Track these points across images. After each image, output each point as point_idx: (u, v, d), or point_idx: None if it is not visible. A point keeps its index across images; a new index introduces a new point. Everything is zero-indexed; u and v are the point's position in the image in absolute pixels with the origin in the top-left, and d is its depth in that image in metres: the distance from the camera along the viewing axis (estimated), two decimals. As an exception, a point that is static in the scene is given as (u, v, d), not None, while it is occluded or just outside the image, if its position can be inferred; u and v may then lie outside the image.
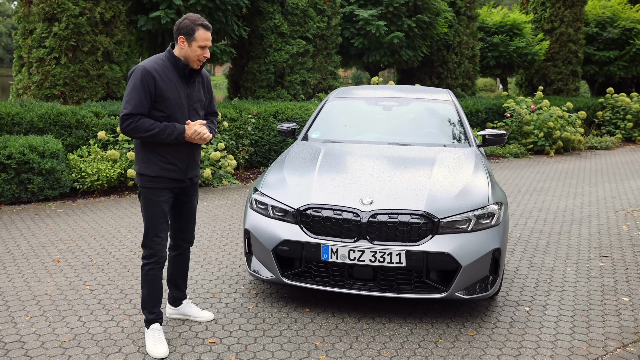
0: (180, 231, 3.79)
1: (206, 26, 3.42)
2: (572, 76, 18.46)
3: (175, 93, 3.41)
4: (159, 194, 3.49)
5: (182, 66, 3.44)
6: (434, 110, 5.80)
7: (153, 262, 3.50)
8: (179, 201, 3.69)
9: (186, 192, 3.68)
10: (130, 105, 3.32)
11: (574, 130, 13.95)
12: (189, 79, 3.50)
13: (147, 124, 3.33)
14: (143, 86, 3.32)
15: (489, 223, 4.03)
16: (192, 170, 3.61)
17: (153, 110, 3.41)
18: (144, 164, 3.47)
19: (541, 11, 18.23)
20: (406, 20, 12.58)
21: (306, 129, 5.69)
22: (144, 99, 3.32)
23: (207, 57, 3.46)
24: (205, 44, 3.41)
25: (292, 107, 10.46)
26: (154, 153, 3.45)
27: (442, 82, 14.92)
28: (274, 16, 11.43)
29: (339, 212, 3.95)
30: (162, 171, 3.46)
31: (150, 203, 3.50)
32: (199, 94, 3.60)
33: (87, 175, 7.55)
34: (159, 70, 3.39)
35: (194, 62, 3.44)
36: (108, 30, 9.49)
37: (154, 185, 3.48)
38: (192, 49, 3.41)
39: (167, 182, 3.50)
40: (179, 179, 3.54)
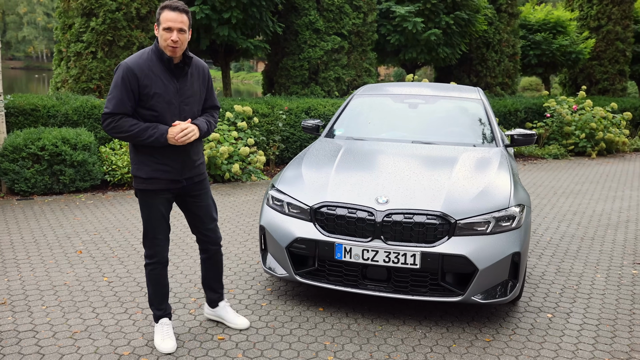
0: (198, 232, 3.64)
1: (172, 7, 3.16)
2: (619, 75, 17.84)
3: (162, 89, 3.21)
4: (154, 195, 3.37)
5: (166, 59, 3.22)
6: (461, 108, 5.66)
7: (154, 263, 3.46)
8: (185, 203, 3.57)
9: (189, 192, 3.51)
10: (110, 104, 3.17)
11: (618, 131, 13.48)
12: (177, 72, 3.28)
13: (127, 124, 3.17)
14: (124, 84, 3.14)
15: (509, 226, 3.89)
16: (189, 169, 3.42)
17: (140, 109, 3.24)
18: (135, 165, 3.36)
19: (587, 8, 17.67)
20: (444, 17, 12.36)
21: (330, 125, 5.63)
22: (126, 97, 3.15)
23: (174, 40, 3.14)
24: (169, 25, 3.13)
25: (325, 104, 10.41)
26: (145, 153, 3.31)
27: (480, 80, 14.62)
28: (309, 12, 11.39)
29: (354, 211, 3.88)
30: (154, 172, 3.30)
31: (146, 205, 3.40)
32: (192, 88, 3.37)
33: (117, 168, 7.69)
34: (142, 65, 3.21)
35: (166, 48, 3.18)
36: (144, 25, 9.63)
37: (148, 187, 3.34)
38: (160, 34, 3.18)
39: (162, 183, 3.34)
40: (174, 179, 3.37)
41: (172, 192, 3.44)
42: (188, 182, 3.47)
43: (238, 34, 10.21)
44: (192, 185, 3.50)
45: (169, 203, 3.47)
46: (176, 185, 3.41)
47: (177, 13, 3.19)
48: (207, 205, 3.61)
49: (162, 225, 3.44)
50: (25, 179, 7.15)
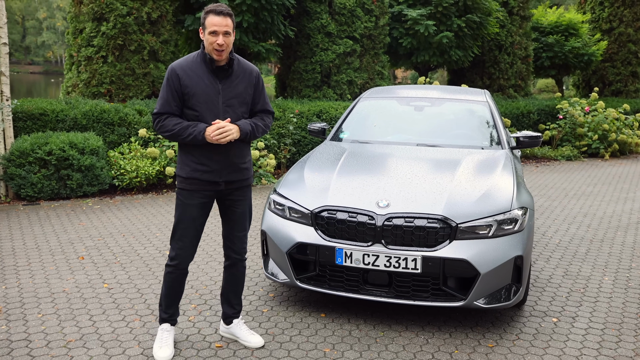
0: (227, 239, 3.59)
1: (217, 11, 3.22)
2: (631, 77, 17.66)
3: (204, 89, 3.29)
4: (190, 196, 3.40)
5: (209, 60, 3.29)
6: (467, 111, 5.61)
7: (174, 267, 3.45)
8: (223, 205, 3.56)
9: (228, 197, 3.49)
10: (158, 105, 3.32)
11: (631, 132, 13.33)
12: (220, 74, 3.33)
13: (171, 123, 3.28)
14: (169, 85, 3.29)
15: (511, 229, 3.84)
16: (229, 173, 3.41)
17: (185, 109, 3.34)
18: (179, 165, 3.44)
19: (599, 11, 17.51)
20: (455, 20, 12.29)
21: (335, 128, 5.61)
22: (170, 97, 3.28)
23: (220, 44, 3.20)
24: (214, 29, 3.20)
25: (337, 107, 10.39)
26: (187, 153, 3.38)
27: (493, 82, 14.51)
28: (321, 16, 11.39)
29: (354, 215, 3.85)
30: (194, 172, 3.35)
31: (180, 204, 3.43)
32: (236, 89, 3.39)
33: (126, 173, 7.73)
34: (186, 67, 3.31)
35: (212, 52, 3.25)
36: (155, 29, 9.69)
37: (186, 187, 3.39)
38: (206, 38, 3.28)
39: (200, 185, 3.38)
40: (213, 181, 3.38)
41: (209, 196, 3.44)
42: (228, 186, 3.46)
43: (250, 38, 10.24)
44: (232, 190, 3.49)
45: (203, 208, 3.45)
46: (214, 187, 3.41)
47: (222, 17, 3.26)
48: (242, 213, 3.58)
49: (190, 229, 3.42)
50: (32, 184, 7.19)
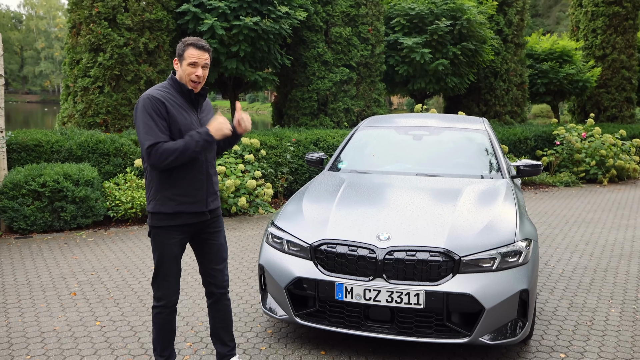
0: (206, 274, 3.46)
1: (198, 45, 3.20)
2: (626, 103, 17.78)
3: (187, 119, 3.20)
4: (170, 235, 3.27)
5: (187, 91, 3.22)
6: (466, 139, 5.55)
7: (161, 306, 3.33)
8: (199, 239, 3.45)
9: (206, 228, 3.39)
10: (150, 135, 3.08)
11: (628, 158, 13.32)
12: (197, 104, 3.31)
13: (170, 146, 3.08)
14: (156, 113, 3.11)
15: (515, 262, 3.74)
16: (213, 200, 3.36)
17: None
18: (159, 202, 3.25)
19: (592, 38, 17.69)
20: (451, 48, 12.35)
21: (334, 158, 5.54)
22: (161, 125, 3.11)
23: (198, 75, 3.18)
24: (194, 61, 3.16)
25: (334, 135, 10.35)
26: (170, 187, 3.24)
27: (489, 109, 14.54)
28: (317, 45, 11.43)
29: (354, 249, 3.75)
30: (179, 206, 3.22)
31: (160, 244, 3.29)
32: (208, 119, 3.34)
33: (121, 204, 7.62)
34: (164, 95, 3.21)
35: (188, 82, 3.20)
36: (151, 59, 9.69)
37: (171, 223, 3.25)
38: (183, 68, 3.21)
39: (188, 217, 3.26)
40: (200, 211, 3.30)
41: (189, 231, 3.34)
42: (211, 216, 3.39)
43: (246, 67, 10.24)
44: (211, 220, 3.42)
45: (183, 244, 3.35)
46: (201, 218, 3.32)
47: (203, 51, 3.24)
48: (220, 245, 3.49)
49: (173, 267, 3.31)
50: (25, 217, 7.05)
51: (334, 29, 11.50)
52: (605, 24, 17.19)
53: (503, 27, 14.39)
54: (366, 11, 11.73)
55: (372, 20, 11.85)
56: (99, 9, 9.30)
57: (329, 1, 11.53)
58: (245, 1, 9.79)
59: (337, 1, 11.57)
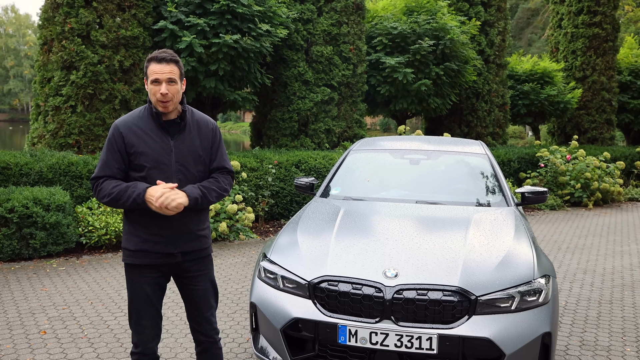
0: (192, 320, 3.13)
1: (158, 59, 2.83)
2: (606, 124, 17.81)
3: (153, 147, 2.85)
4: (141, 272, 2.92)
5: (155, 114, 2.88)
6: (465, 164, 5.26)
7: (139, 353, 2.95)
8: (180, 282, 3.08)
9: (185, 271, 3.02)
10: (97, 168, 2.89)
11: (612, 181, 13.25)
12: (171, 129, 2.90)
13: (109, 186, 2.82)
14: (110, 144, 2.87)
15: (535, 301, 3.42)
16: (186, 241, 2.94)
17: (131, 172, 2.90)
18: (125, 236, 2.95)
19: (572, 59, 17.75)
20: (434, 68, 12.17)
21: (325, 184, 5.18)
22: (111, 158, 2.85)
23: (163, 93, 2.80)
24: (156, 77, 2.80)
25: (316, 157, 10.01)
26: (135, 222, 2.90)
27: (471, 130, 14.39)
28: (298, 64, 11.13)
29: (359, 287, 3.39)
30: (143, 244, 2.88)
31: (130, 282, 2.96)
32: (190, 146, 2.96)
33: (94, 230, 7.12)
34: (130, 123, 2.89)
35: (157, 103, 2.85)
36: (127, 78, 9.26)
37: (135, 261, 2.91)
38: (149, 89, 2.86)
39: (151, 257, 2.91)
40: (166, 252, 2.91)
41: (163, 270, 2.96)
42: (185, 258, 2.98)
43: (225, 86, 9.87)
44: (189, 262, 3.01)
45: (158, 284, 2.96)
46: (169, 260, 2.93)
47: (165, 64, 2.83)
48: (205, 290, 3.09)
49: (147, 309, 2.93)
50: (-10, 245, 6.52)
51: (315, 48, 11.23)
52: (585, 46, 17.28)
53: (485, 47, 14.32)
54: (348, 30, 11.49)
55: (354, 39, 11.61)
56: (72, 25, 8.86)
57: (310, 19, 11.26)
58: (225, 18, 9.44)
59: (319, 19, 11.31)
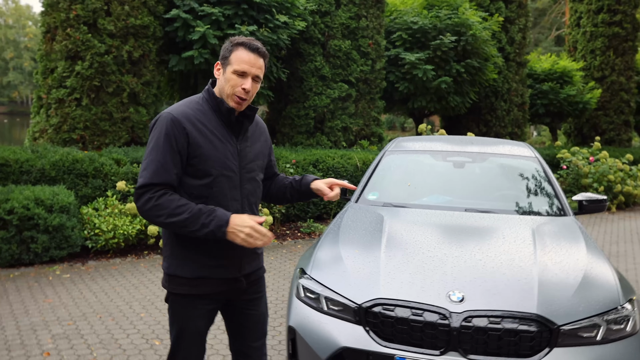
0: (238, 353, 2.64)
1: (252, 47, 2.34)
2: (624, 126, 17.36)
3: (219, 150, 2.34)
4: (194, 304, 2.40)
5: (225, 110, 2.36)
6: (515, 168, 4.76)
7: None
8: (233, 308, 2.56)
9: (243, 295, 2.54)
10: (148, 172, 2.26)
11: (634, 184, 12.77)
12: (239, 128, 2.43)
13: (172, 204, 2.22)
14: (169, 142, 2.27)
15: (623, 330, 2.93)
16: (249, 261, 2.49)
17: (187, 179, 2.33)
18: (175, 261, 2.38)
19: (590, 59, 17.27)
20: (454, 65, 11.67)
21: (361, 188, 4.68)
22: (170, 161, 2.26)
23: (246, 88, 2.32)
24: (245, 69, 2.31)
25: (334, 156, 9.50)
26: (191, 245, 2.35)
27: (490, 130, 13.90)
28: (315, 58, 10.62)
29: (419, 312, 2.89)
30: (202, 269, 2.37)
31: (180, 316, 2.42)
32: (255, 150, 2.51)
33: (101, 233, 6.62)
34: (192, 117, 2.33)
35: (229, 97, 2.35)
36: (136, 70, 8.75)
37: (191, 292, 2.37)
38: (227, 77, 2.34)
39: (212, 285, 2.40)
40: (230, 277, 2.43)
41: (219, 299, 2.47)
42: (247, 281, 2.51)
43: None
44: (249, 285, 2.54)
45: (211, 316, 2.48)
46: (233, 286, 2.45)
47: (257, 56, 2.36)
48: (260, 315, 2.62)
49: (195, 347, 2.46)
50: (-12, 249, 6.00)
51: (333, 42, 10.72)
52: (605, 45, 16.80)
53: (505, 44, 13.82)
54: (367, 24, 10.99)
55: (373, 34, 11.10)
56: (77, 11, 8.35)
57: (328, 12, 10.75)
58: (241, 8, 8.95)
59: (337, 12, 10.80)
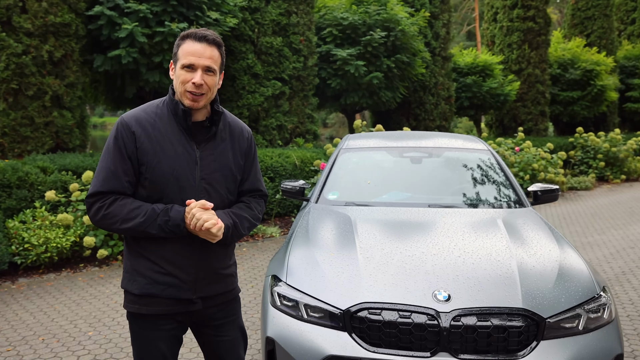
0: None
1: (197, 36, 2.14)
2: (541, 116, 18.19)
3: (172, 157, 2.14)
4: (151, 324, 2.20)
5: (182, 112, 2.16)
6: (470, 162, 4.78)
7: None
8: (201, 333, 2.36)
9: (208, 319, 2.33)
10: (97, 180, 2.12)
11: (554, 171, 13.40)
12: (198, 134, 2.21)
13: (124, 209, 2.08)
14: (117, 147, 2.12)
15: (601, 318, 2.97)
16: (207, 284, 2.26)
17: (137, 187, 2.17)
18: (127, 274, 2.22)
19: (508, 53, 17.99)
20: (385, 61, 11.76)
21: (320, 187, 4.54)
22: (120, 166, 2.11)
23: (197, 83, 2.10)
24: (191, 62, 2.11)
25: (271, 155, 9.31)
26: (141, 256, 2.17)
27: (419, 124, 14.15)
28: (246, 56, 10.37)
29: (407, 314, 2.80)
30: (151, 286, 2.16)
31: (137, 336, 2.23)
32: (220, 159, 2.26)
33: (31, 247, 6.12)
34: (144, 121, 2.15)
35: (183, 95, 2.14)
36: (58, 71, 8.19)
37: (141, 310, 2.18)
38: (177, 75, 2.16)
39: (162, 305, 2.19)
40: (182, 298, 2.20)
41: (180, 320, 2.24)
42: (207, 304, 2.27)
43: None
44: (213, 307, 2.30)
45: (174, 337, 2.25)
46: (186, 307, 2.22)
47: (205, 45, 2.14)
48: (233, 341, 2.39)
49: None
50: None
51: (264, 39, 10.52)
52: (521, 39, 17.51)
53: (431, 39, 14.10)
54: (297, 20, 10.87)
55: (304, 30, 11.00)
56: (-10, 9, 7.72)
57: (258, 8, 10.53)
58: (170, 5, 8.57)
59: (267, 9, 10.61)
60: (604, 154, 15.94)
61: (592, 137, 16.17)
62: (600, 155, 15.88)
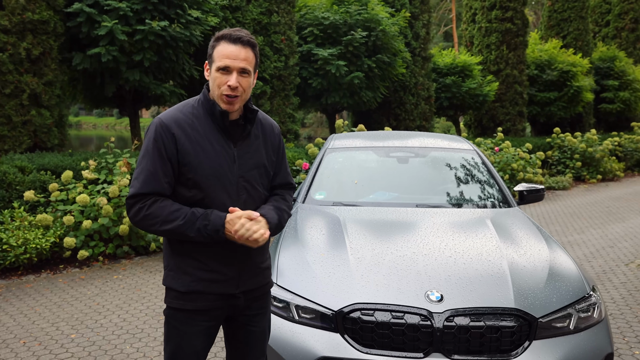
0: None
1: (232, 37, 2.15)
2: (519, 116, 18.37)
3: (213, 157, 2.17)
4: (191, 321, 2.21)
5: (219, 113, 2.18)
6: (456, 162, 4.80)
7: None
8: (235, 323, 2.37)
9: (245, 310, 2.35)
10: (138, 182, 2.13)
11: (533, 171, 13.56)
12: (235, 133, 2.24)
13: (164, 211, 2.10)
14: (157, 149, 2.13)
15: (591, 317, 3.00)
16: (249, 277, 2.30)
17: (179, 187, 2.18)
18: (170, 272, 2.24)
19: (487, 53, 18.12)
20: (366, 60, 11.78)
21: (306, 187, 4.52)
22: (160, 168, 2.12)
23: (233, 86, 2.12)
24: (226, 64, 2.12)
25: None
26: (185, 254, 2.20)
27: (400, 124, 14.19)
28: (227, 54, 10.27)
29: (400, 315, 2.79)
30: (197, 283, 2.19)
31: (174, 332, 2.23)
32: (256, 156, 2.30)
33: (9, 248, 5.98)
34: (183, 122, 2.16)
35: (219, 97, 2.17)
36: (36, 69, 8.04)
37: (185, 306, 2.20)
38: (212, 77, 2.17)
39: (208, 300, 2.22)
40: (226, 293, 2.24)
41: (217, 315, 2.26)
42: (247, 297, 2.31)
43: (151, 79, 8.86)
44: (249, 300, 2.33)
45: (209, 336, 2.27)
46: (229, 302, 2.26)
47: (240, 47, 2.14)
48: (261, 333, 2.42)
49: None
50: None
51: (245, 38, 10.43)
52: (499, 40, 17.66)
53: (411, 40, 14.15)
54: (278, 19, 10.82)
55: (285, 29, 10.96)
56: (-34, 5, 7.54)
57: (239, 7, 10.46)
58: (151, 3, 8.46)
59: (248, 7, 10.54)
60: (580, 154, 16.17)
61: (569, 137, 16.40)
62: (577, 155, 16.10)
